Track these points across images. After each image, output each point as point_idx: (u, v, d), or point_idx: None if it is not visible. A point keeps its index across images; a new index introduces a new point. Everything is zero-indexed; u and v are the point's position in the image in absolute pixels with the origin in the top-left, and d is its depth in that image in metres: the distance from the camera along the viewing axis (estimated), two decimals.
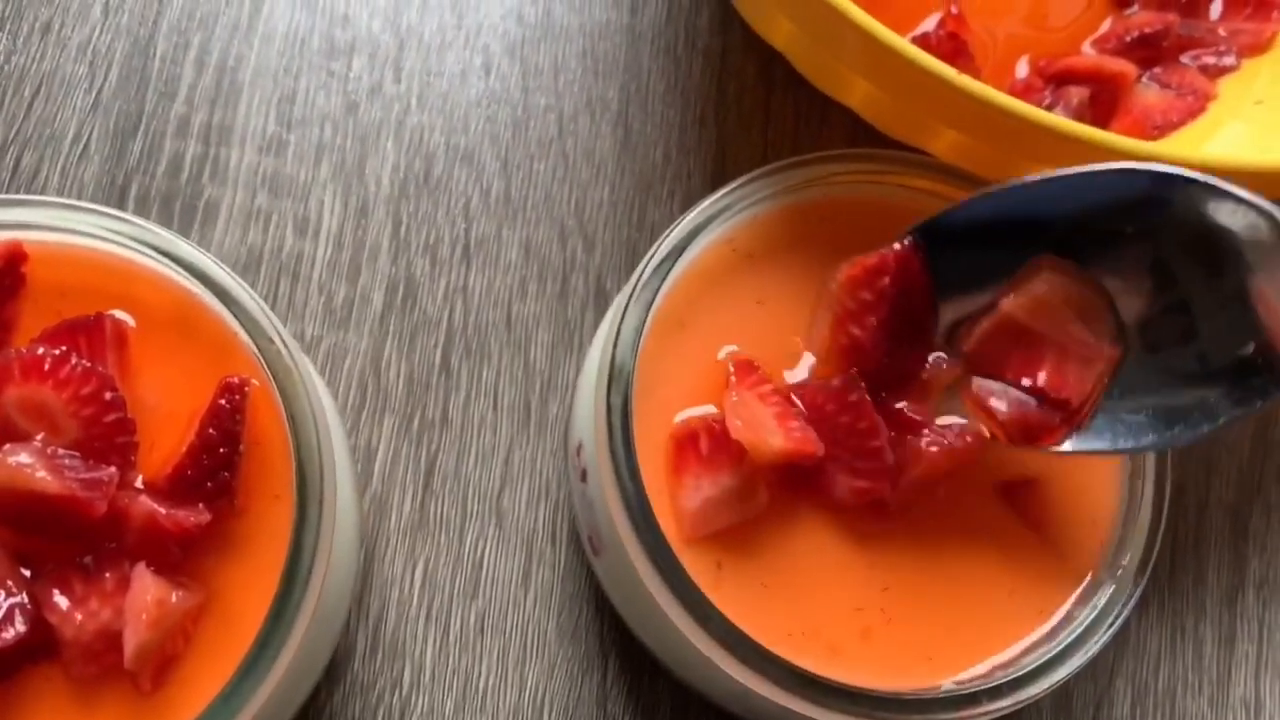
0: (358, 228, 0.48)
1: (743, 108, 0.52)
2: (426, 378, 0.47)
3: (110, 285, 0.38)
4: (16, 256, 0.38)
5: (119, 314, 0.37)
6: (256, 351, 0.37)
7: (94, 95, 0.49)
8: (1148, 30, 0.51)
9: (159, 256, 0.37)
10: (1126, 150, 0.38)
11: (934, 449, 0.37)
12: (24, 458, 0.34)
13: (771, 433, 0.37)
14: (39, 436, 0.35)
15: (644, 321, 0.39)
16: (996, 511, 0.40)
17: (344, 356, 0.47)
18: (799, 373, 0.41)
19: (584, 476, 0.41)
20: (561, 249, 0.49)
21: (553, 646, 0.44)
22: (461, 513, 0.45)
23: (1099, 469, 0.41)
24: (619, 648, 0.44)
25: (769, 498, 0.38)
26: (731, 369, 0.40)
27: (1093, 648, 0.38)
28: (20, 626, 0.34)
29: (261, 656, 0.34)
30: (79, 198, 0.44)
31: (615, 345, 0.39)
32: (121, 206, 0.47)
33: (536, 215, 0.49)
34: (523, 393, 0.47)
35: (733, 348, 0.41)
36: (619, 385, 0.38)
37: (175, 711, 0.34)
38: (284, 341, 0.37)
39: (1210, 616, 0.48)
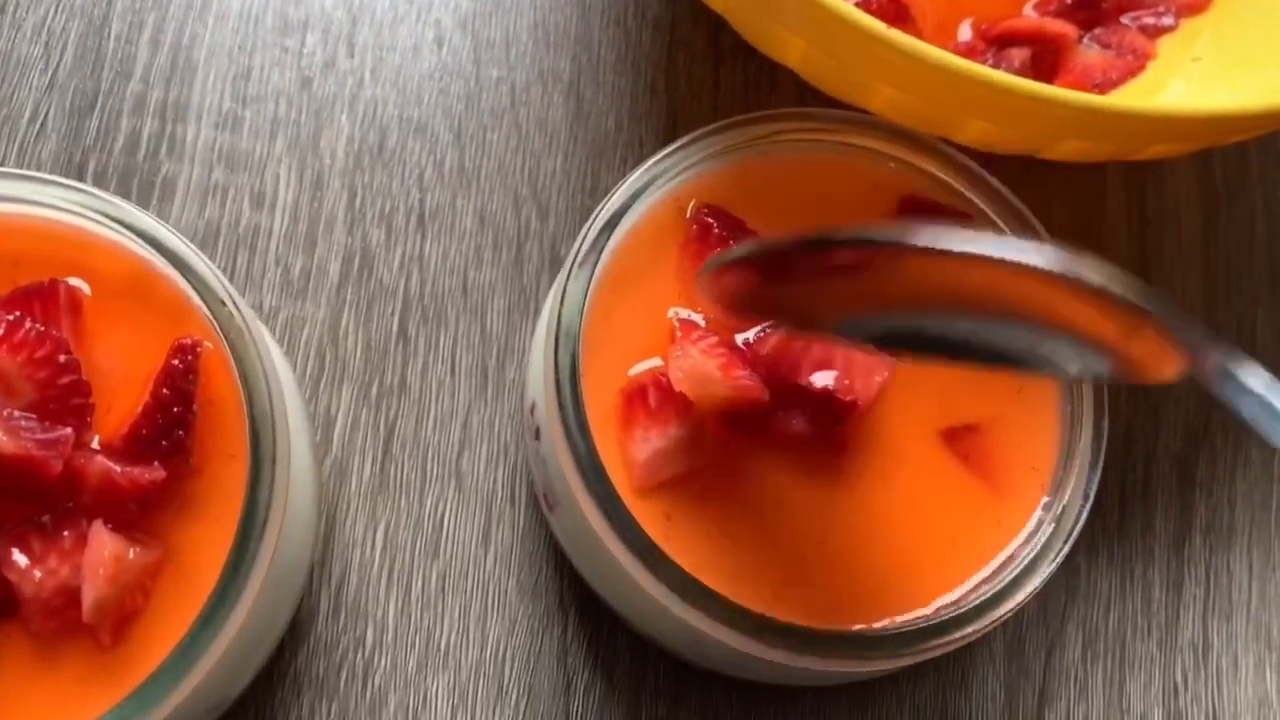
0: (313, 200, 0.49)
1: (692, 76, 0.53)
2: (384, 345, 0.48)
3: (65, 254, 0.39)
4: None
5: (75, 281, 0.38)
6: (209, 315, 0.38)
7: (50, 75, 0.49)
8: None
9: (112, 224, 0.38)
10: (1061, 100, 0.39)
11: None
12: None
13: (715, 383, 0.38)
14: None
15: (589, 281, 0.40)
16: (940, 457, 0.41)
17: (302, 326, 0.47)
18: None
19: (537, 435, 0.42)
20: (516, 217, 0.50)
21: (513, 603, 0.45)
22: (421, 476, 0.46)
23: (1038, 416, 0.42)
24: (578, 603, 0.45)
25: (714, 446, 0.39)
26: (676, 325, 0.41)
27: (1034, 584, 0.38)
28: None
29: (218, 610, 0.35)
30: None
31: (562, 305, 0.40)
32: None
33: (490, 184, 0.50)
34: (480, 358, 0.48)
35: (679, 307, 0.42)
36: (566, 344, 0.39)
37: (135, 665, 0.35)
38: (235, 304, 0.38)
39: (1159, 562, 0.49)
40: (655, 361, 0.41)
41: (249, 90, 0.50)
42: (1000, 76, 0.38)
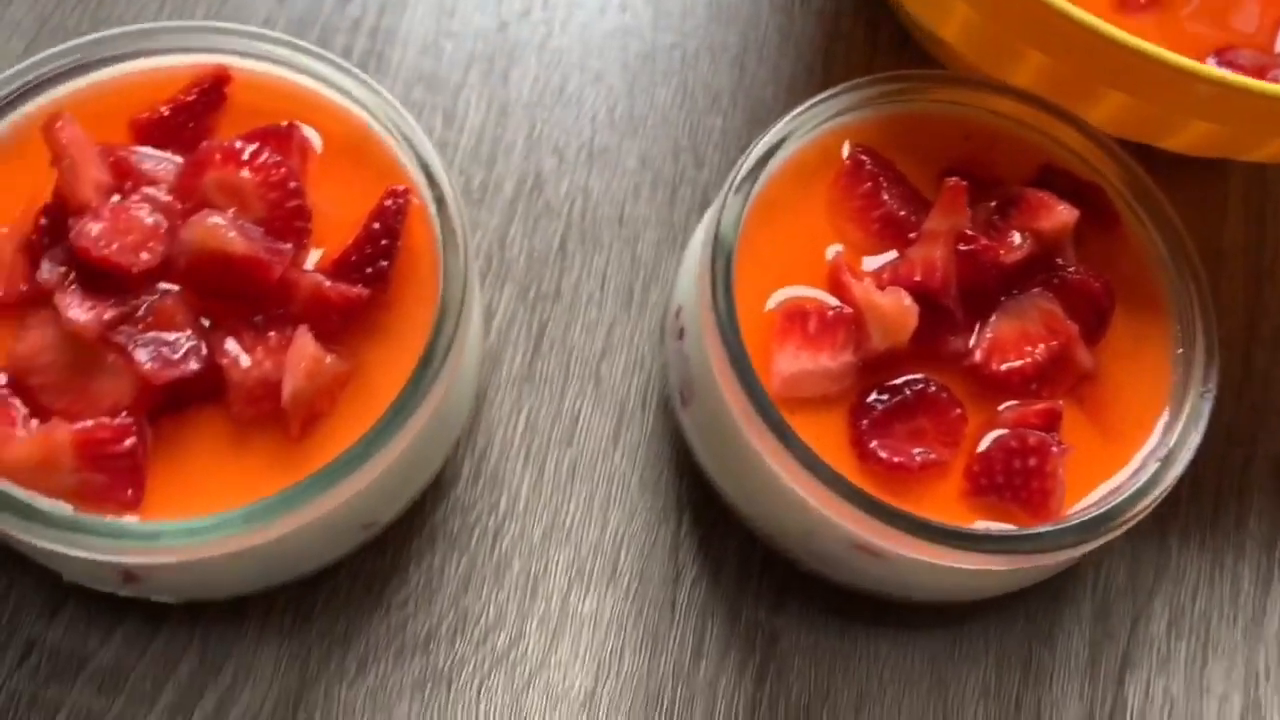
0: (497, 125, 0.55)
1: (849, 64, 0.58)
2: (545, 256, 0.52)
3: (300, 112, 0.44)
4: (221, 78, 0.44)
5: (307, 129, 0.43)
6: (421, 177, 0.43)
7: None
8: None
9: (342, 89, 0.44)
10: (1201, 74, 0.42)
11: None
12: (218, 220, 0.39)
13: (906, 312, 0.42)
14: (231, 210, 0.40)
15: (747, 198, 0.44)
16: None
17: (475, 230, 0.52)
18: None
19: (680, 335, 0.46)
20: (674, 163, 0.55)
21: (634, 496, 0.49)
22: (564, 373, 0.50)
23: (1151, 376, 0.45)
24: (694, 504, 0.49)
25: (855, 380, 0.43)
26: (844, 263, 0.44)
27: (1137, 511, 0.41)
28: (194, 365, 0.39)
29: (393, 422, 0.39)
30: None
31: (721, 214, 0.44)
32: None
33: (655, 133, 0.55)
34: (628, 279, 0.52)
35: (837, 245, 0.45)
36: (723, 248, 0.43)
37: (315, 458, 0.39)
38: (444, 171, 0.43)
39: (1250, 558, 0.51)
40: (807, 289, 0.44)
41: (452, 26, 0.56)
42: (1145, 45, 0.42)
